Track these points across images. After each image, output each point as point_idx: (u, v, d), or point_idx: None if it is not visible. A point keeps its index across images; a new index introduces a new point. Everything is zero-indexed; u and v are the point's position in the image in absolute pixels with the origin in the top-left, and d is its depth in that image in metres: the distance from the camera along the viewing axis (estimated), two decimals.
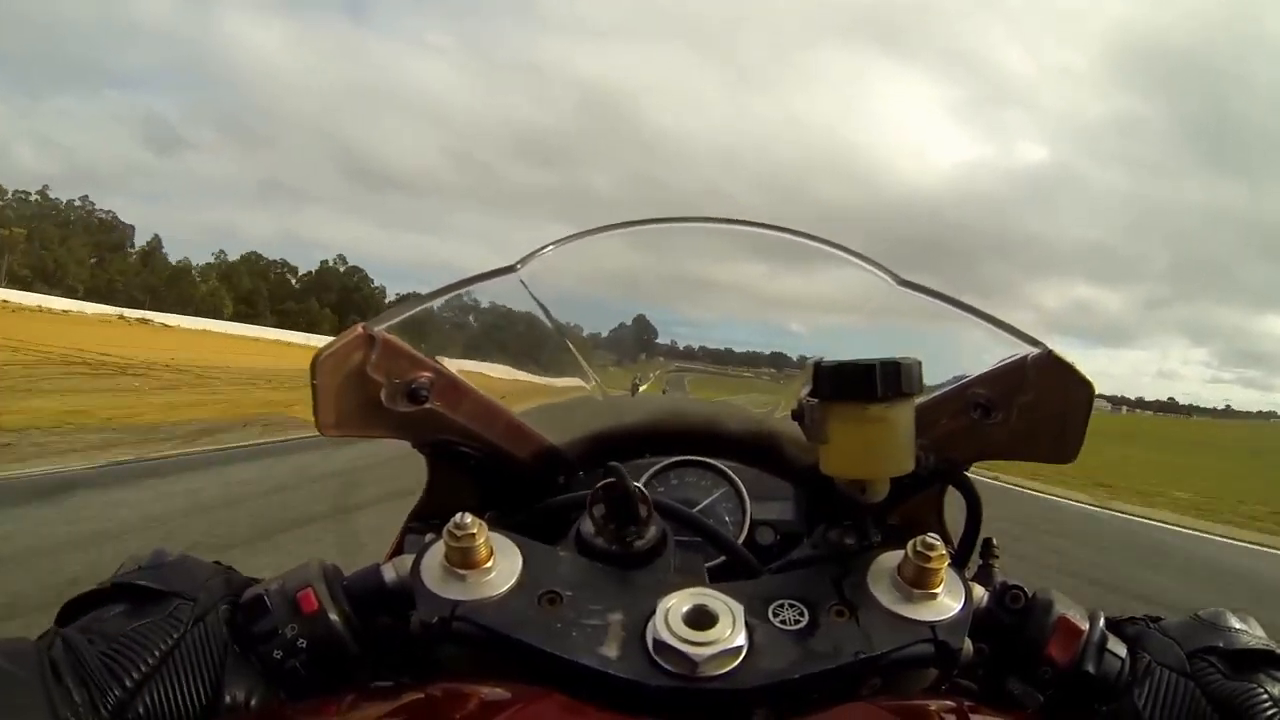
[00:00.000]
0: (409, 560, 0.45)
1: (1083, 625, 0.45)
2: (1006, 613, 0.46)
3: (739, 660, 0.39)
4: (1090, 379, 0.52)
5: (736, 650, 0.39)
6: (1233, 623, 0.45)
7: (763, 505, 0.77)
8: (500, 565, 0.43)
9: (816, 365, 0.47)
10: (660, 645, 0.39)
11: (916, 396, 0.47)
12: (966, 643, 0.42)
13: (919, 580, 0.43)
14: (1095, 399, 0.53)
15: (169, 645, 0.39)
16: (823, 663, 0.40)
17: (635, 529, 0.48)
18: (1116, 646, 0.45)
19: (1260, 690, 0.41)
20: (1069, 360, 0.52)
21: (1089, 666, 0.44)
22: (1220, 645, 0.44)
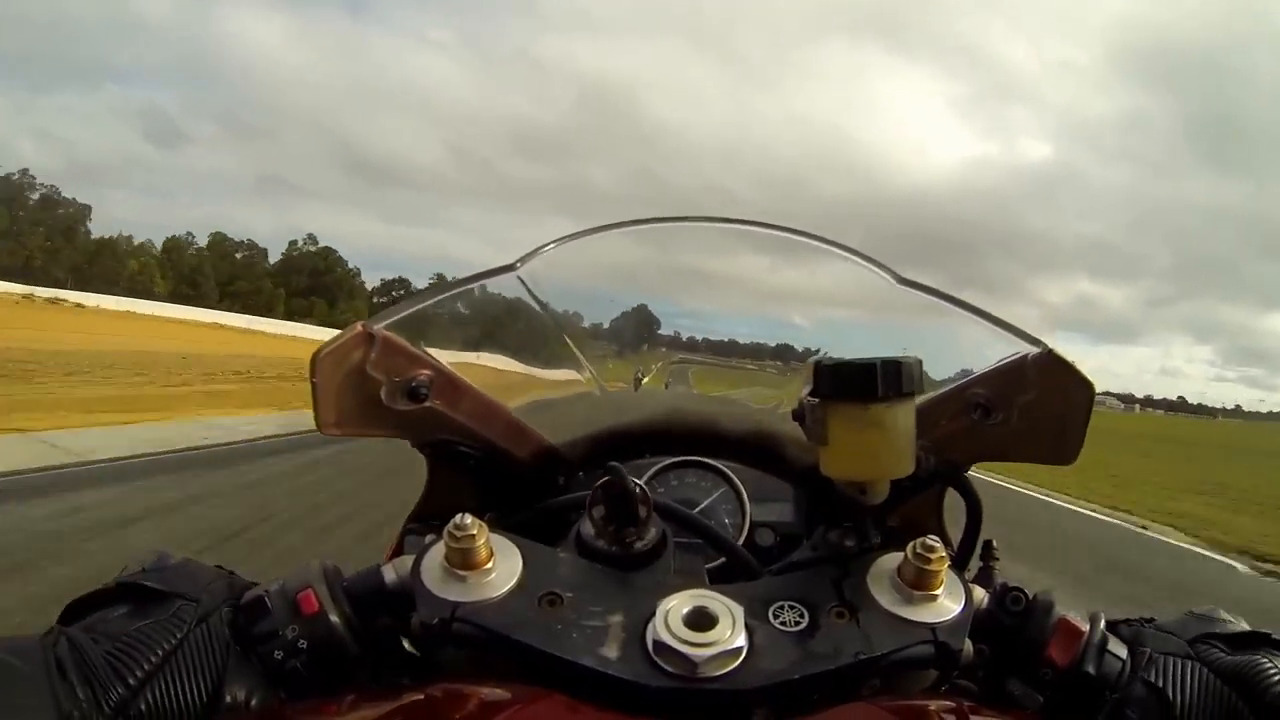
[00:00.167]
0: (409, 561, 0.45)
1: (1083, 626, 0.45)
2: (1007, 614, 0.46)
3: (739, 661, 0.39)
4: (1091, 379, 0.52)
5: (736, 651, 0.39)
6: (1226, 616, 0.46)
7: (763, 506, 0.77)
8: (500, 566, 0.43)
9: (817, 365, 0.47)
10: (660, 646, 0.39)
11: (917, 396, 0.47)
12: (967, 644, 0.42)
13: (919, 582, 0.43)
14: (1106, 397, 0.53)
15: (172, 645, 0.39)
16: (823, 664, 0.40)
17: (635, 530, 0.48)
18: (1117, 647, 0.45)
19: (1266, 661, 0.42)
20: (1069, 360, 0.52)
21: (1089, 667, 0.44)
22: (1218, 631, 0.45)
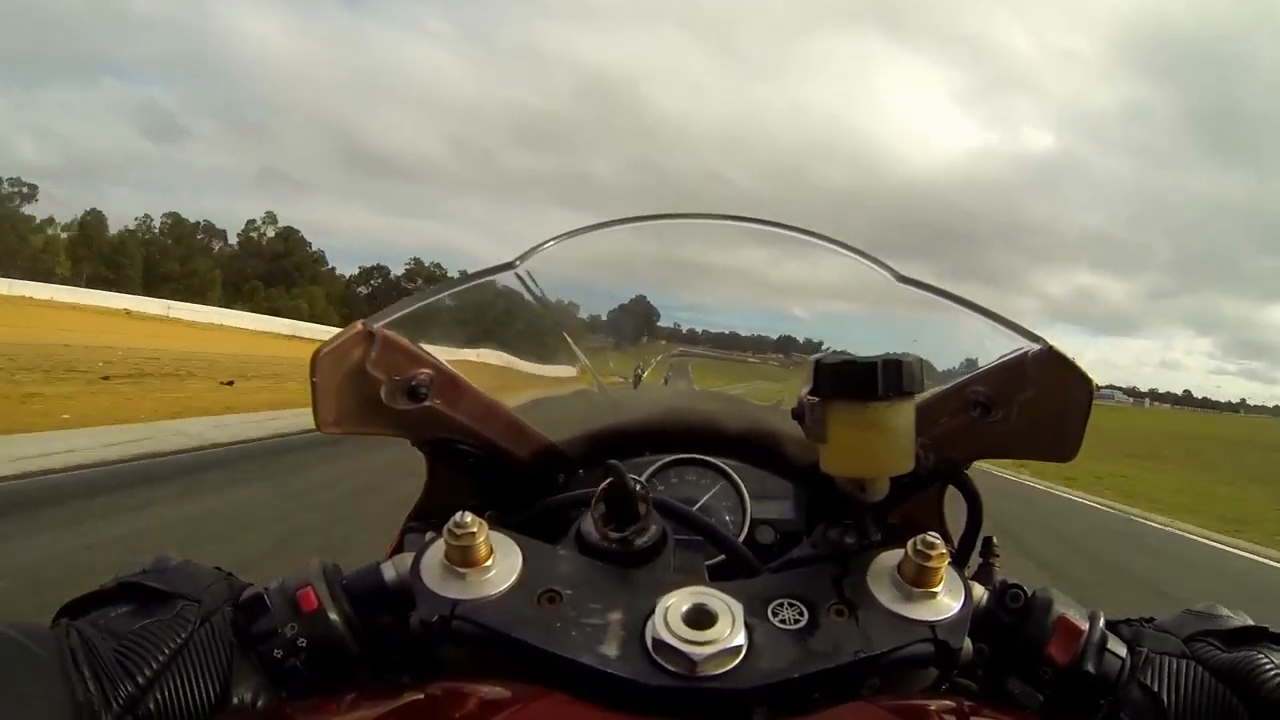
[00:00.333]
0: (409, 559, 0.45)
1: (1082, 625, 0.45)
2: (1006, 612, 0.46)
3: (738, 660, 0.39)
4: (1090, 375, 0.52)
5: (736, 650, 0.39)
6: (1224, 612, 0.46)
7: (763, 504, 0.77)
8: (500, 564, 0.43)
9: (817, 363, 0.47)
10: (660, 644, 0.39)
11: (917, 394, 0.47)
12: (966, 642, 0.42)
13: (919, 579, 0.43)
14: (1114, 391, 0.52)
15: (177, 645, 0.39)
16: (822, 662, 0.40)
17: (635, 527, 0.48)
18: (1116, 646, 0.45)
19: (1261, 657, 0.41)
20: (1069, 356, 0.52)
21: (1089, 666, 0.44)
22: (1215, 628, 0.45)
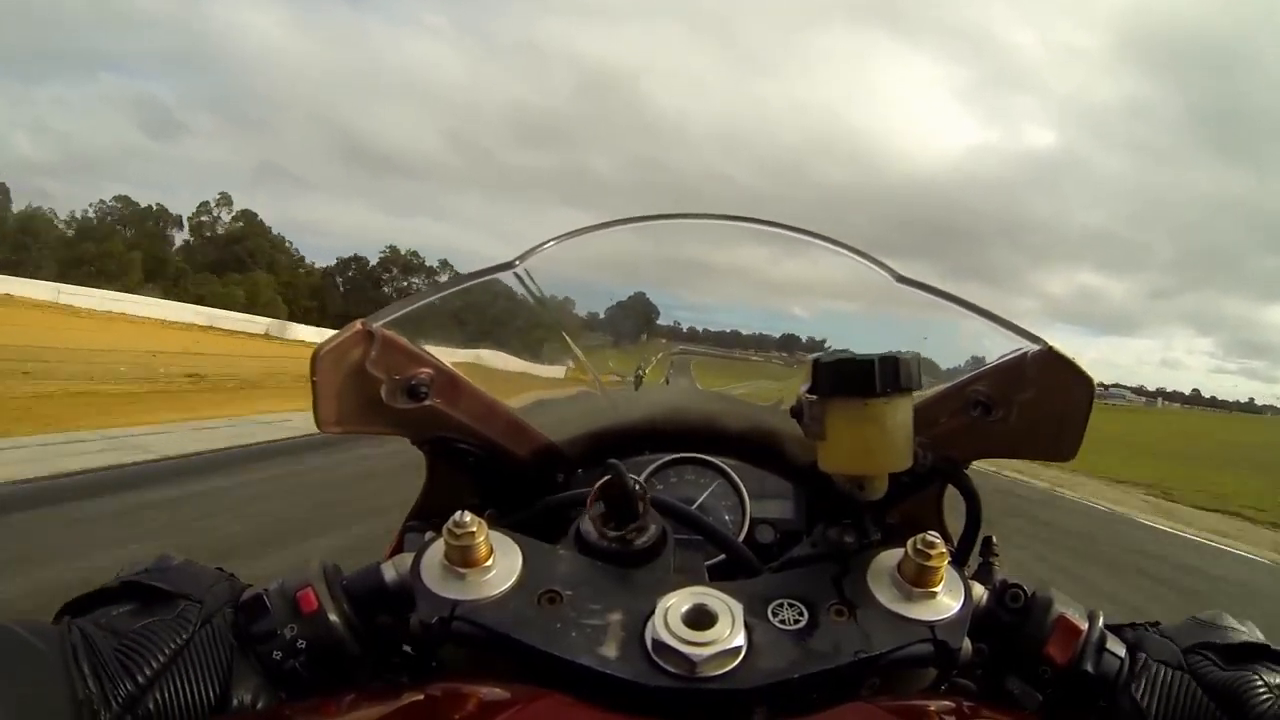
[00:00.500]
0: (409, 559, 0.45)
1: (1082, 625, 0.45)
2: (1006, 611, 0.46)
3: (738, 660, 0.39)
4: (1091, 374, 0.51)
5: (736, 650, 0.39)
6: (1229, 623, 0.46)
7: (762, 503, 0.77)
8: (500, 564, 0.43)
9: (815, 361, 0.47)
10: (659, 645, 0.39)
11: (915, 392, 0.47)
12: (966, 642, 0.42)
13: (919, 579, 0.43)
14: (1123, 390, 0.52)
15: (178, 645, 0.39)
16: (822, 662, 0.40)
17: (634, 526, 0.48)
18: (1115, 646, 0.45)
19: (1255, 678, 0.41)
20: (1069, 356, 0.52)
21: (1088, 666, 0.44)
22: (1215, 641, 0.44)
